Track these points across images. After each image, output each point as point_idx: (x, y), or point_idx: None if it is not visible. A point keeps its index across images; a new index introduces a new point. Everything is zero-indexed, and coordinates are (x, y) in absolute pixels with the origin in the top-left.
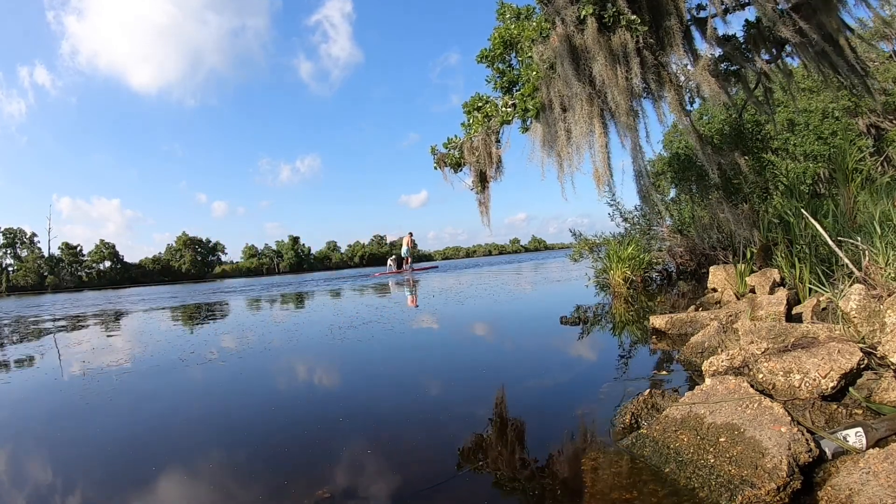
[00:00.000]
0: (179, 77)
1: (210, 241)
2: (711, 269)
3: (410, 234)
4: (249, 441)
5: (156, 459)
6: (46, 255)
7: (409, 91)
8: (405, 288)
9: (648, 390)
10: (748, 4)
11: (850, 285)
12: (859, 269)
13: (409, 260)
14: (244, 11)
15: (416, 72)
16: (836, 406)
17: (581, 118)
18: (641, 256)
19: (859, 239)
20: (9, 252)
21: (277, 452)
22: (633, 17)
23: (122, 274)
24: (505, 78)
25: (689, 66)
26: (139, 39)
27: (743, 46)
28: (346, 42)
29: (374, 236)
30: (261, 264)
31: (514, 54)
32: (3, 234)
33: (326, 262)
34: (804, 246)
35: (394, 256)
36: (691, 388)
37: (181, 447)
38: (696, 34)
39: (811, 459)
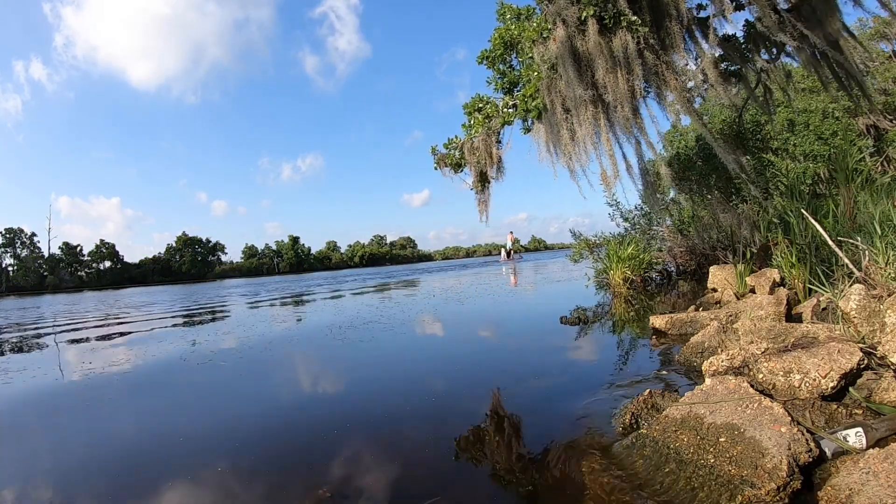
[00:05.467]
0: (180, 72)
1: (210, 241)
2: (711, 269)
3: (511, 233)
4: (250, 439)
5: (157, 458)
6: (46, 254)
7: (415, 88)
8: (510, 273)
9: (648, 390)
10: (749, 4)
11: (850, 285)
12: (859, 269)
13: (513, 252)
14: (247, 2)
15: (421, 68)
16: (836, 406)
17: (585, 120)
18: (641, 256)
19: (859, 239)
20: (9, 252)
21: (278, 451)
22: (634, 17)
23: (121, 274)
24: (506, 79)
25: (689, 66)
26: (138, 32)
27: (743, 46)
28: (353, 35)
29: (374, 236)
30: (261, 264)
31: (514, 55)
32: (3, 234)
33: (326, 262)
34: (804, 246)
35: (503, 250)
36: (691, 388)
37: (183, 446)
38: (697, 34)
39: (811, 459)
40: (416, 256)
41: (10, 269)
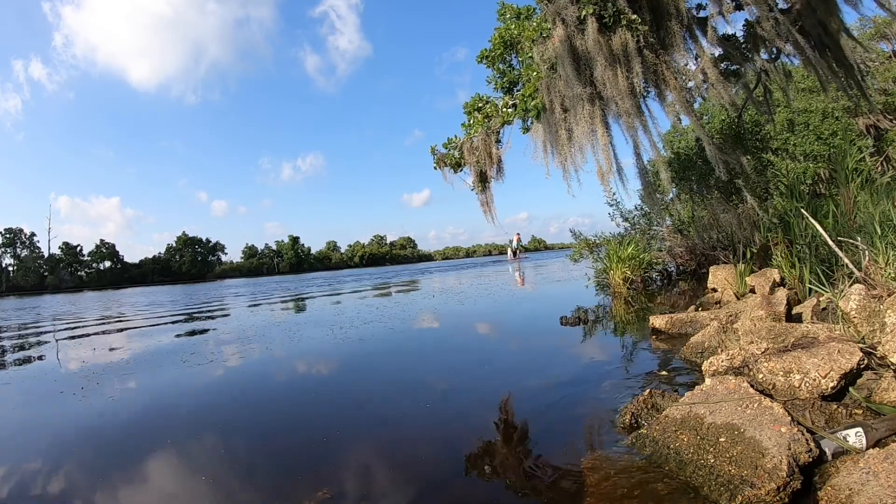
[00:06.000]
0: (180, 71)
1: (210, 241)
2: (711, 269)
3: (518, 234)
4: (251, 440)
5: (158, 458)
6: (46, 254)
7: (416, 87)
8: (516, 272)
9: (648, 390)
10: (748, 5)
11: (850, 285)
12: (859, 269)
13: (518, 252)
14: (248, 0)
15: (422, 68)
16: (836, 406)
17: (583, 118)
18: (641, 256)
19: (859, 239)
20: (9, 252)
21: (278, 452)
22: (634, 16)
23: (121, 274)
24: (505, 78)
25: (689, 66)
26: (138, 31)
27: (743, 46)
28: (354, 34)
29: (375, 236)
30: (261, 264)
31: (514, 54)
32: (3, 234)
33: (326, 262)
34: (804, 246)
35: (509, 250)
36: (691, 388)
37: (184, 446)
38: (696, 34)
39: (811, 459)
40: (416, 256)
41: (10, 269)
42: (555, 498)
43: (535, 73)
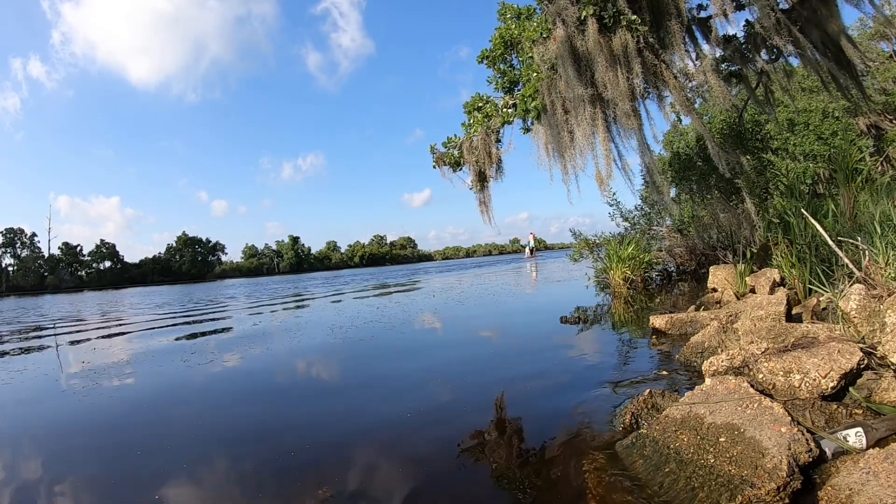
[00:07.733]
0: (180, 69)
1: (210, 241)
2: (711, 269)
3: (532, 234)
4: (252, 439)
5: (159, 458)
6: (46, 255)
7: (417, 86)
8: (532, 269)
9: (648, 390)
10: (749, 4)
11: (851, 285)
12: (859, 269)
13: (534, 250)
14: None
15: (424, 66)
16: (836, 406)
17: (584, 120)
18: (641, 256)
19: (859, 239)
20: (9, 252)
21: (279, 451)
22: (634, 17)
23: (121, 274)
24: (506, 78)
25: (690, 67)
26: (138, 28)
27: (744, 46)
28: (356, 32)
29: (375, 236)
30: (261, 264)
31: (514, 54)
32: (3, 234)
33: (326, 262)
34: (804, 246)
35: (526, 248)
36: (691, 388)
37: (185, 446)
38: (697, 34)
39: (811, 459)
40: (416, 256)
41: (10, 269)
42: (555, 497)
43: (535, 74)
